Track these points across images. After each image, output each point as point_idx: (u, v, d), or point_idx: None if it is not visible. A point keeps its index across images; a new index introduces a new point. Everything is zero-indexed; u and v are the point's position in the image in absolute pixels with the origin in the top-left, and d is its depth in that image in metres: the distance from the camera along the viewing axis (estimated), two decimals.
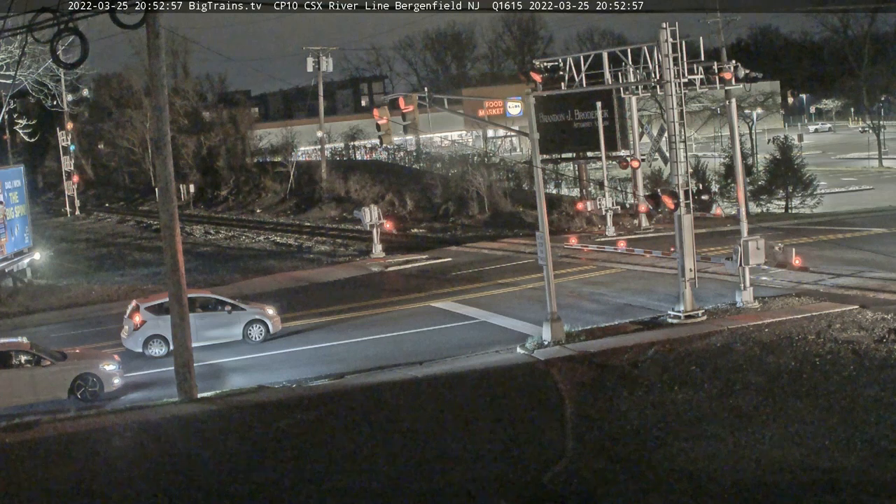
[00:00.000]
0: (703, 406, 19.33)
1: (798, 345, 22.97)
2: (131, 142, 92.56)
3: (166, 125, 23.12)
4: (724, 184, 53.15)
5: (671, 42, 26.36)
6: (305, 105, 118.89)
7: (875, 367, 20.82)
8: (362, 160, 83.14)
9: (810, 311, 26.26)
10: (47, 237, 58.21)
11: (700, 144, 79.86)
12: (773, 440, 17.17)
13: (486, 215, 56.02)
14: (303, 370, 25.42)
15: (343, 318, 31.61)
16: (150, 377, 26.17)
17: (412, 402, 21.53)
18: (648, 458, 16.88)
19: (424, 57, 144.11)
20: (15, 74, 41.30)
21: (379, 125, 28.86)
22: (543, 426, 19.19)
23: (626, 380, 21.56)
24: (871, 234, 40.09)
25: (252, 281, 40.69)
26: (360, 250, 47.83)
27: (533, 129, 26.39)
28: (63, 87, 71.46)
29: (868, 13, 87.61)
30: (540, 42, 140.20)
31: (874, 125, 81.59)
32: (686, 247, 26.52)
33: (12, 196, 41.90)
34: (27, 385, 23.90)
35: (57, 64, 26.04)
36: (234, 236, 60.35)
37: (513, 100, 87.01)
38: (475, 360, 24.79)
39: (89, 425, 21.45)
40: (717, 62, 28.70)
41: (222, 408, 22.22)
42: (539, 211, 26.21)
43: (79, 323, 34.51)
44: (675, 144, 26.61)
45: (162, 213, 23.51)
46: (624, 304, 30.16)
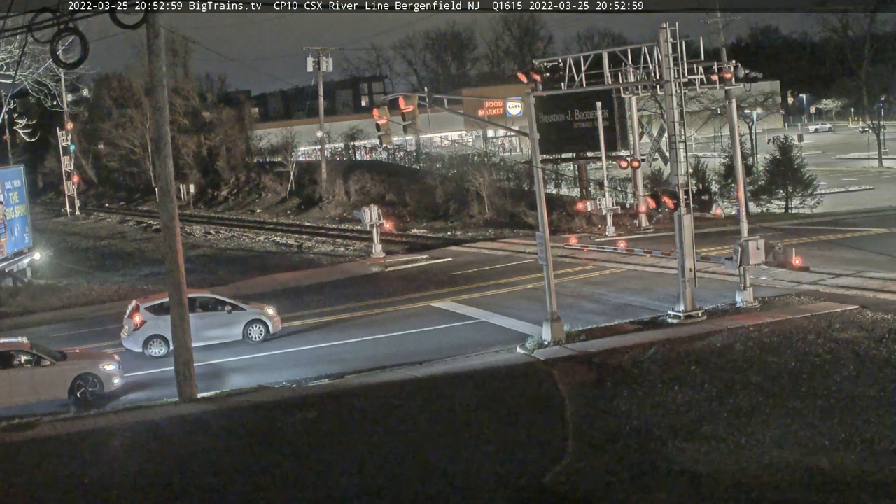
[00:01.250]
0: (703, 406, 19.33)
1: (798, 345, 22.98)
2: (131, 142, 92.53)
3: (166, 125, 23.12)
4: (724, 184, 53.14)
5: (671, 42, 26.36)
6: (305, 105, 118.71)
7: (875, 367, 20.83)
8: (362, 160, 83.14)
9: (810, 311, 26.27)
10: (47, 237, 58.19)
11: (700, 144, 79.86)
12: (773, 440, 17.17)
13: (486, 215, 56.02)
14: (303, 370, 25.42)
15: (343, 318, 31.61)
16: (150, 377, 26.17)
17: (412, 402, 21.52)
18: (648, 457, 16.88)
19: (424, 57, 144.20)
20: (15, 74, 41.29)
21: (379, 125, 28.85)
22: (543, 426, 19.19)
23: (626, 380, 21.56)
24: (871, 234, 40.09)
25: (252, 281, 40.69)
26: (361, 250, 47.84)
27: (533, 129, 26.39)
28: (63, 87, 71.46)
29: (868, 13, 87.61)
30: (540, 42, 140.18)
31: (874, 125, 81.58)
32: (686, 247, 26.52)
33: (12, 196, 41.89)
34: (27, 385, 23.90)
35: (57, 64, 26.00)
36: (234, 236, 60.36)
37: (513, 100, 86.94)
38: (475, 360, 24.79)
39: (89, 425, 21.45)
40: (717, 62, 28.67)
41: (222, 408, 22.22)
42: (539, 211, 26.21)
43: (79, 323, 34.51)
44: (675, 144, 26.61)
45: (162, 213, 23.51)
46: (624, 304, 30.16)
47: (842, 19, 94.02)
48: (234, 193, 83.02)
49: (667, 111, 27.43)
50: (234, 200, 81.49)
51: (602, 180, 50.58)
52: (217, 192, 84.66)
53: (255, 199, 79.27)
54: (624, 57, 30.81)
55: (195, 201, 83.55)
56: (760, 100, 78.04)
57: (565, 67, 29.17)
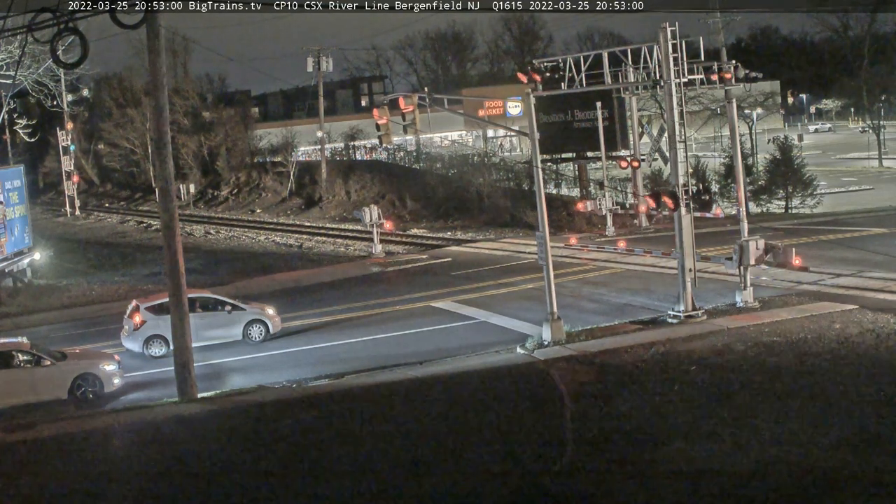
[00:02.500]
0: (702, 406, 19.33)
1: (798, 345, 22.98)
2: (131, 142, 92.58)
3: (166, 125, 23.13)
4: (724, 184, 53.14)
5: (671, 42, 26.36)
6: (305, 105, 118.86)
7: (874, 367, 20.83)
8: (362, 160, 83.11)
9: (810, 311, 26.27)
10: (47, 237, 58.19)
11: (700, 144, 79.82)
12: (773, 440, 17.16)
13: (486, 215, 56.02)
14: (303, 370, 25.42)
15: (343, 318, 31.62)
16: (150, 377, 26.18)
17: (412, 402, 21.53)
18: (648, 457, 16.88)
19: (424, 57, 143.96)
20: (15, 74, 41.31)
21: (379, 125, 28.84)
22: (543, 426, 19.18)
23: (626, 380, 21.57)
24: (871, 234, 40.09)
25: (252, 281, 40.70)
26: (361, 250, 47.85)
27: (533, 129, 26.40)
28: (63, 87, 71.49)
29: (868, 13, 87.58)
30: (540, 42, 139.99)
31: (874, 125, 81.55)
32: (686, 247, 26.53)
33: (12, 196, 41.90)
34: (27, 385, 23.91)
35: (57, 64, 26.01)
36: (234, 236, 60.37)
37: (513, 100, 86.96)
38: (475, 360, 24.79)
39: (89, 425, 21.46)
40: (717, 62, 28.69)
41: (222, 408, 22.22)
42: (539, 211, 26.21)
43: (79, 323, 34.52)
44: (675, 144, 26.62)
45: (162, 213, 23.52)
46: (624, 304, 30.16)
47: (842, 19, 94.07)
48: (234, 193, 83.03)
49: (667, 111, 27.43)
50: (234, 200, 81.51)
51: (602, 180, 50.58)
52: (217, 192, 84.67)
53: (256, 199, 79.29)
54: (624, 57, 30.79)
55: (195, 201, 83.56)
56: (760, 100, 77.96)
57: (565, 67, 29.16)
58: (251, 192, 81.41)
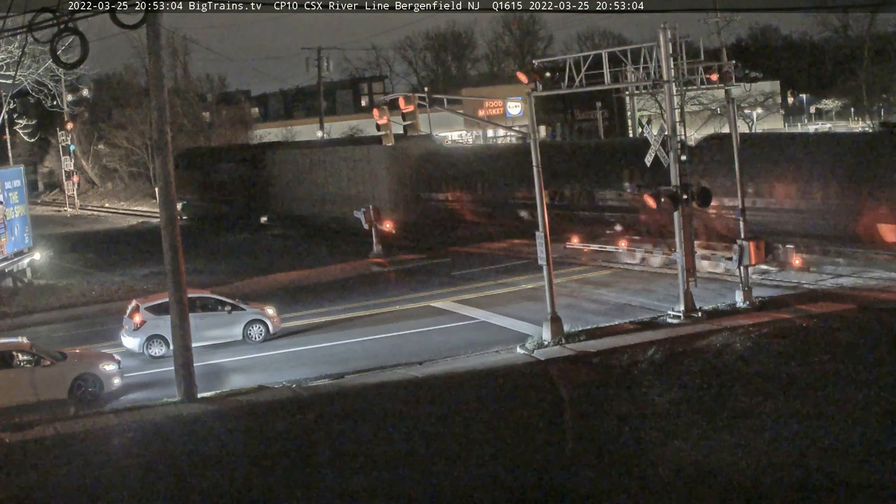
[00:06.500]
0: (702, 406, 19.33)
1: (797, 345, 22.97)
2: (131, 142, 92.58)
3: (166, 125, 23.12)
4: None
5: (671, 42, 26.36)
6: (305, 105, 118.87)
7: (873, 367, 20.83)
8: None
9: (810, 311, 26.26)
10: (47, 237, 58.17)
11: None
12: (771, 440, 17.17)
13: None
14: (303, 370, 25.42)
15: (343, 318, 31.61)
16: (150, 377, 26.17)
17: (412, 403, 21.53)
18: (648, 457, 16.89)
19: (424, 57, 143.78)
20: (15, 74, 41.31)
21: (379, 125, 28.85)
22: (543, 426, 19.19)
23: (625, 380, 21.58)
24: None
25: (252, 281, 40.67)
26: (360, 250, 47.79)
27: (533, 130, 26.39)
28: (63, 87, 71.43)
29: (868, 13, 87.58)
30: (540, 42, 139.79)
31: (874, 125, 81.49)
32: (686, 247, 26.53)
33: (12, 196, 41.87)
34: (27, 385, 23.88)
35: (57, 64, 26.04)
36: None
37: (513, 100, 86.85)
38: (475, 360, 24.79)
39: (89, 425, 21.45)
40: (717, 62, 28.69)
41: (222, 408, 22.22)
42: (539, 211, 26.22)
43: (79, 323, 34.50)
44: (675, 144, 26.60)
45: (162, 213, 23.51)
46: (624, 304, 30.17)
47: (842, 19, 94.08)
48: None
49: (667, 111, 27.42)
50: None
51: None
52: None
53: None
54: (624, 57, 30.77)
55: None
56: (760, 100, 77.94)
57: (565, 67, 29.16)
58: None
